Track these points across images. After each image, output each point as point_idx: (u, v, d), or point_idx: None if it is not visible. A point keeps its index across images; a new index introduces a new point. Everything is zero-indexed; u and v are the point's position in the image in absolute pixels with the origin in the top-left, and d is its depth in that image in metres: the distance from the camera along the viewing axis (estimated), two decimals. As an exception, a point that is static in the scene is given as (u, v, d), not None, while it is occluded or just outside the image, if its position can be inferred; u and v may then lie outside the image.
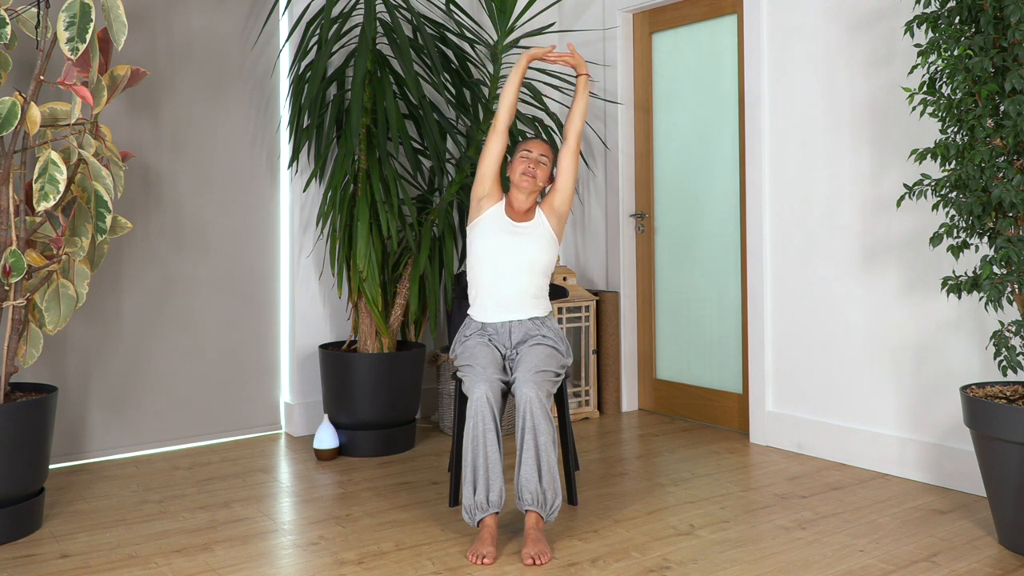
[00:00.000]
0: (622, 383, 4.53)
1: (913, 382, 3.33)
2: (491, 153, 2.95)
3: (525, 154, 2.95)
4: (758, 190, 3.85)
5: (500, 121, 2.95)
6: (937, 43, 2.70)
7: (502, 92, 2.96)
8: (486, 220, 2.93)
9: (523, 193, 2.93)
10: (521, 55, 3.00)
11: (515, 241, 2.89)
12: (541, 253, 2.92)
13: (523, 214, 2.96)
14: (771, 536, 2.74)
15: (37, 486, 2.81)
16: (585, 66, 3.02)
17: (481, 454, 2.61)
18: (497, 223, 2.92)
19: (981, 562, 2.52)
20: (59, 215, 2.86)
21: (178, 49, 3.87)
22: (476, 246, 2.93)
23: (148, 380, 3.80)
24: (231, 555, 2.62)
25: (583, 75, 3.01)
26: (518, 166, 2.93)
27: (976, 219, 2.64)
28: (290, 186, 4.09)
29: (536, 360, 2.75)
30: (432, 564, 2.53)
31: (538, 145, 2.97)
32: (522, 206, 2.95)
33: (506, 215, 2.94)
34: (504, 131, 2.95)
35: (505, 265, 2.88)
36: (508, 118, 2.95)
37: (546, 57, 3.00)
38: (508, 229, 2.91)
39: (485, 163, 2.95)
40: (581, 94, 3.00)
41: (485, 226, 2.92)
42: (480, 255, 2.91)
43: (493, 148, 2.95)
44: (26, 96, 2.74)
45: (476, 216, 2.96)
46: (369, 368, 3.67)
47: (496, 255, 2.88)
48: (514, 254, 2.88)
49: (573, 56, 3.01)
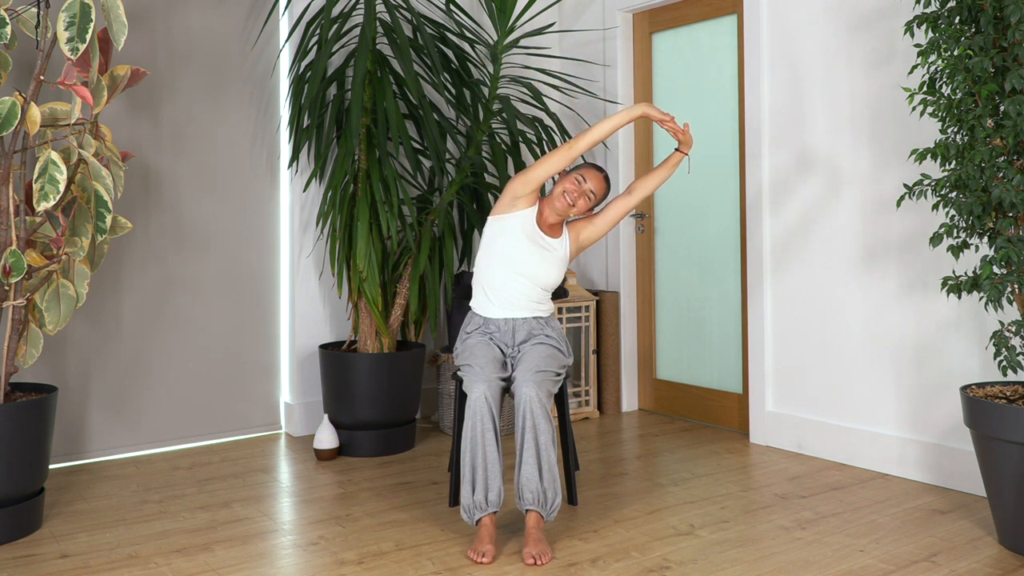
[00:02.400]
0: (622, 383, 4.53)
1: (913, 382, 3.33)
2: (552, 167, 2.84)
3: (578, 179, 2.89)
4: (758, 190, 3.85)
5: (578, 148, 2.82)
6: (937, 43, 2.70)
7: (598, 125, 2.82)
8: (515, 220, 2.90)
9: (553, 212, 2.91)
10: (636, 106, 2.84)
11: (536, 252, 2.88)
12: (554, 272, 2.92)
13: (551, 228, 2.95)
14: (771, 536, 2.74)
15: (37, 486, 2.81)
16: (690, 146, 2.95)
17: (480, 454, 2.61)
18: (526, 228, 2.90)
19: (981, 562, 2.52)
20: (59, 215, 2.86)
21: (178, 49, 3.87)
22: (497, 242, 2.89)
23: (148, 380, 3.80)
24: (231, 555, 2.62)
25: (682, 153, 2.95)
26: (565, 184, 2.89)
27: (976, 219, 2.64)
28: (290, 186, 4.09)
29: (537, 359, 2.75)
30: (432, 564, 2.53)
31: (594, 179, 2.90)
32: (550, 219, 2.94)
33: (536, 223, 2.93)
34: (574, 158, 2.85)
35: (519, 270, 2.88)
36: (586, 150, 2.85)
37: (663, 123, 2.88)
38: (535, 239, 2.90)
39: (540, 171, 2.84)
40: (670, 167, 2.96)
41: (512, 224, 2.90)
42: (499, 252, 2.89)
43: (556, 164, 2.83)
44: (26, 96, 2.74)
45: (507, 211, 2.90)
46: (369, 368, 3.67)
47: (514, 258, 2.87)
48: (531, 264, 2.88)
49: (685, 133, 2.92)
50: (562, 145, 2.85)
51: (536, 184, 2.87)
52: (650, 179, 2.98)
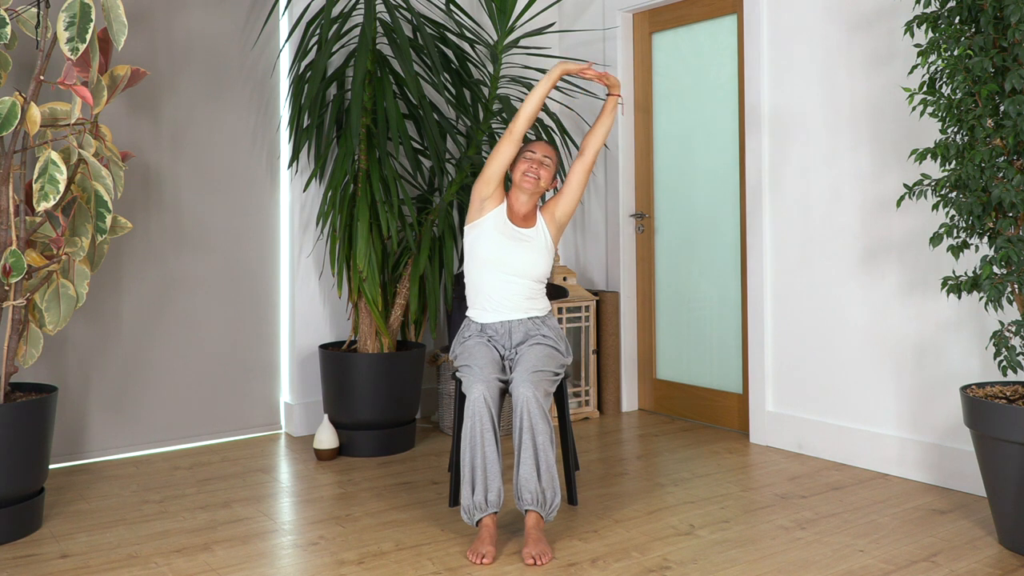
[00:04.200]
0: (622, 383, 4.53)
1: (913, 382, 3.33)
2: (502, 155, 2.89)
3: (528, 155, 2.94)
4: (758, 190, 3.85)
5: (517, 127, 2.87)
6: (937, 43, 2.70)
7: (527, 99, 2.88)
8: (487, 222, 2.92)
9: (525, 194, 2.92)
10: (555, 66, 2.90)
11: (515, 247, 2.89)
12: (539, 261, 2.92)
13: (524, 219, 2.95)
14: (771, 536, 2.74)
15: (37, 486, 2.81)
16: (619, 87, 2.98)
17: (479, 454, 2.61)
18: (498, 226, 2.91)
19: (981, 562, 2.52)
20: (59, 215, 2.86)
21: (178, 49, 3.87)
22: (477, 249, 2.92)
23: (148, 380, 3.80)
24: (231, 555, 2.62)
25: (614, 96, 2.98)
26: (521, 165, 2.92)
27: (976, 219, 2.64)
28: (290, 186, 4.09)
29: (534, 360, 2.75)
30: (432, 564, 2.53)
31: (541, 146, 2.95)
32: (523, 208, 2.95)
33: (508, 219, 2.93)
34: (519, 138, 2.89)
35: (505, 269, 2.88)
36: (526, 126, 2.89)
37: (583, 73, 2.92)
38: (509, 234, 2.91)
39: (494, 165, 2.90)
40: (608, 113, 2.98)
41: (486, 228, 2.91)
42: (481, 258, 2.90)
43: (505, 152, 2.89)
44: (26, 96, 2.74)
45: (477, 217, 2.94)
46: (369, 368, 3.67)
47: (496, 259, 2.88)
48: (514, 260, 2.88)
49: (608, 76, 2.95)
50: (503, 135, 2.89)
51: (495, 179, 2.90)
52: (596, 132, 2.98)
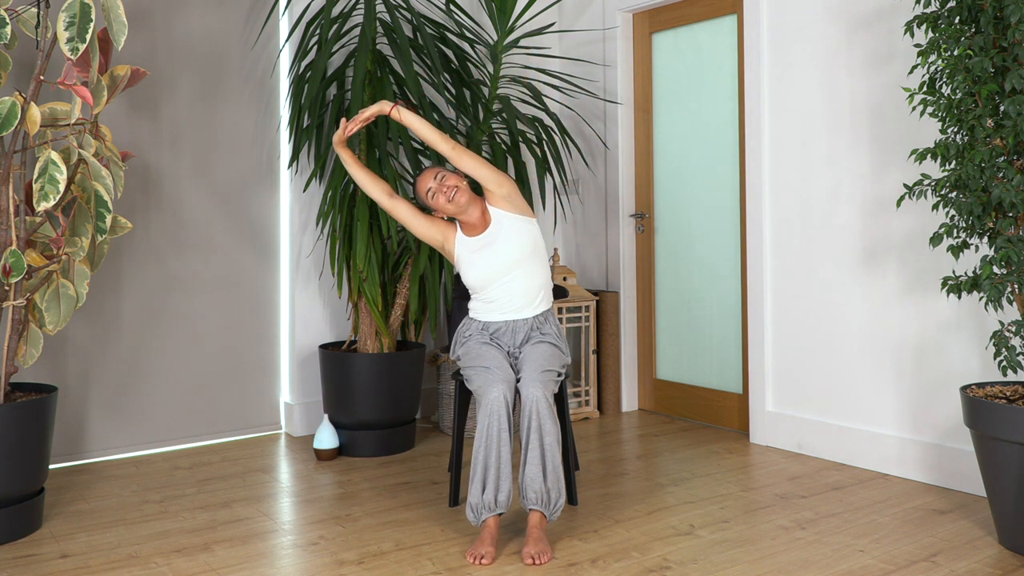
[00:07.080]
0: (622, 383, 4.52)
1: (913, 382, 3.33)
2: (409, 218, 2.96)
3: (431, 188, 2.89)
4: (758, 190, 3.85)
5: (383, 192, 2.98)
6: (937, 43, 2.70)
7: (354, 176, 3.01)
8: (460, 253, 2.94)
9: (463, 212, 2.90)
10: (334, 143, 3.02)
11: (493, 250, 2.88)
12: (517, 240, 2.89)
13: (482, 224, 2.93)
14: (771, 536, 2.74)
15: (37, 486, 2.81)
16: (384, 103, 2.90)
17: (494, 454, 2.60)
18: (468, 249, 2.92)
19: (981, 562, 2.52)
20: (59, 215, 2.86)
21: (178, 49, 3.87)
22: (468, 277, 2.93)
23: (148, 380, 3.80)
24: (231, 555, 2.62)
25: (392, 109, 2.88)
26: (439, 201, 2.89)
27: (976, 219, 2.64)
28: (290, 186, 4.09)
29: (541, 359, 2.75)
30: (432, 564, 2.53)
31: (429, 173, 2.92)
32: (471, 218, 2.92)
33: (468, 237, 2.94)
34: (394, 194, 3.00)
35: (498, 274, 2.88)
36: (370, 186, 2.99)
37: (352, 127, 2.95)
38: (479, 247, 2.90)
39: (416, 229, 2.97)
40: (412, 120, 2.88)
41: (462, 257, 2.94)
42: (474, 280, 2.92)
43: (404, 213, 2.96)
44: (26, 96, 2.74)
45: (451, 257, 2.98)
46: (369, 368, 3.67)
47: (486, 273, 2.89)
48: (498, 260, 2.87)
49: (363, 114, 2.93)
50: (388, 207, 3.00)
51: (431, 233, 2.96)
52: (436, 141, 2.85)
